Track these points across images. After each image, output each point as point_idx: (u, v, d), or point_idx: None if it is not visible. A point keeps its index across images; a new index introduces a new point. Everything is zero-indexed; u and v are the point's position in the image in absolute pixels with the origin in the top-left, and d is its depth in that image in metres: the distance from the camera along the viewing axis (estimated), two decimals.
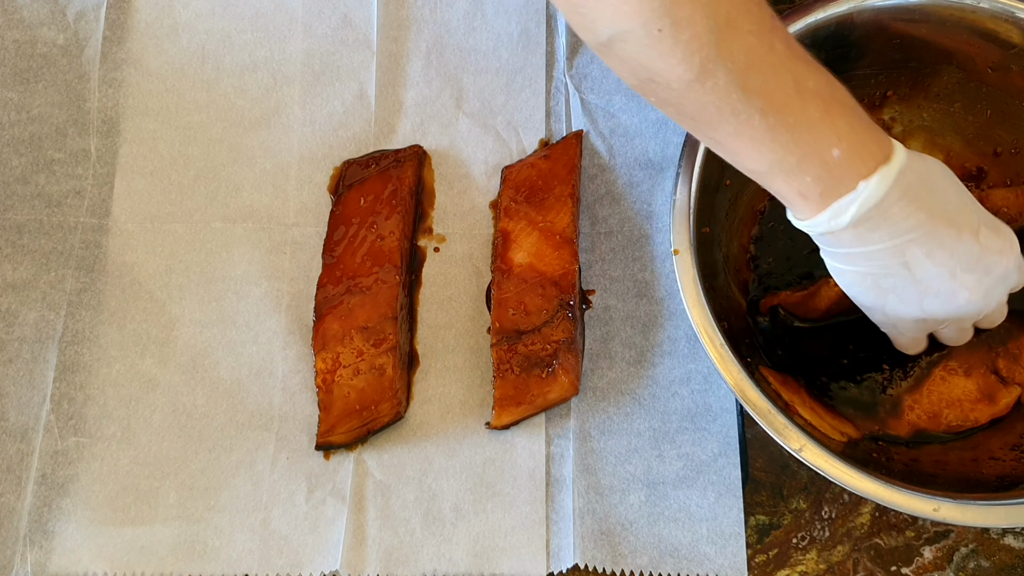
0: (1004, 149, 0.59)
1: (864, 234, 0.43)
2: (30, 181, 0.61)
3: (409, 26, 0.65)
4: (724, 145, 0.42)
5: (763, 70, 0.39)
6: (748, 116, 0.39)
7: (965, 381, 0.56)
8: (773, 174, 0.42)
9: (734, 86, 0.38)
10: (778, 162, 0.41)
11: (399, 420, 0.57)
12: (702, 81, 0.38)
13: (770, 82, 0.39)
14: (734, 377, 0.49)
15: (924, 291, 0.45)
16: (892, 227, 0.42)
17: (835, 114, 0.40)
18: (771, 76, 0.39)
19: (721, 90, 0.38)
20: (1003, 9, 0.53)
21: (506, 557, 0.55)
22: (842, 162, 0.40)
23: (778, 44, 0.39)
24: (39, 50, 0.63)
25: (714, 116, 0.40)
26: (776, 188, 0.43)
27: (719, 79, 0.38)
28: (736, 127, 0.40)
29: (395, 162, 0.61)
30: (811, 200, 0.42)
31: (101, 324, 0.59)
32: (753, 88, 0.38)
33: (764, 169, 0.42)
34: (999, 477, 0.51)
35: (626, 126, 0.63)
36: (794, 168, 0.41)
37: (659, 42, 0.37)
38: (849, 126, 0.41)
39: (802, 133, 0.40)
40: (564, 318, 0.57)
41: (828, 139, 0.40)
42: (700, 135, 0.43)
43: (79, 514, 0.55)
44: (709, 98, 0.39)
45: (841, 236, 0.43)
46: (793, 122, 0.40)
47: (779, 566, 0.55)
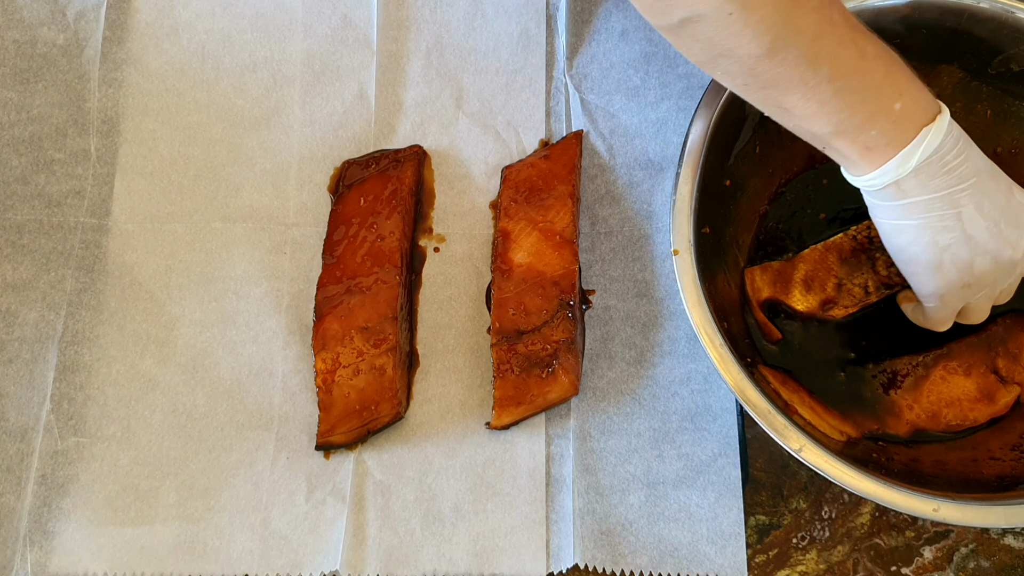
0: (1004, 149, 0.59)
1: (925, 181, 0.45)
2: (30, 181, 0.61)
3: (409, 26, 0.65)
4: (791, 111, 0.44)
5: (827, 41, 0.41)
6: (816, 83, 0.42)
7: (965, 381, 0.56)
8: (839, 133, 0.44)
9: (802, 58, 0.41)
10: (845, 121, 0.44)
11: (399, 420, 0.57)
12: (772, 56, 0.41)
13: (835, 51, 0.42)
14: (734, 377, 0.49)
15: (975, 249, 0.47)
16: (949, 174, 0.45)
17: (896, 71, 0.44)
18: (835, 45, 0.42)
19: (791, 63, 0.41)
20: (1003, 9, 0.53)
21: (506, 557, 0.55)
22: (904, 113, 0.44)
23: (836, 16, 0.42)
24: (39, 50, 0.63)
25: (784, 85, 0.43)
26: (839, 147, 0.45)
27: (789, 54, 0.41)
28: (804, 94, 0.43)
29: (395, 162, 0.61)
30: (877, 152, 0.45)
31: (101, 324, 0.59)
32: (821, 58, 0.41)
33: (830, 130, 0.44)
34: (999, 477, 0.51)
35: (626, 126, 0.63)
36: (860, 125, 0.44)
37: (731, 23, 0.40)
38: (908, 81, 0.44)
39: (867, 92, 0.43)
40: (564, 318, 0.57)
41: (891, 95, 0.43)
42: (767, 103, 0.45)
43: (79, 514, 0.55)
44: (780, 70, 0.42)
45: (905, 184, 0.45)
46: (858, 84, 0.43)
47: (779, 566, 0.55)
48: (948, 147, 0.45)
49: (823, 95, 0.43)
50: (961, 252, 0.47)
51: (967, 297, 0.51)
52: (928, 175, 0.45)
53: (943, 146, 0.44)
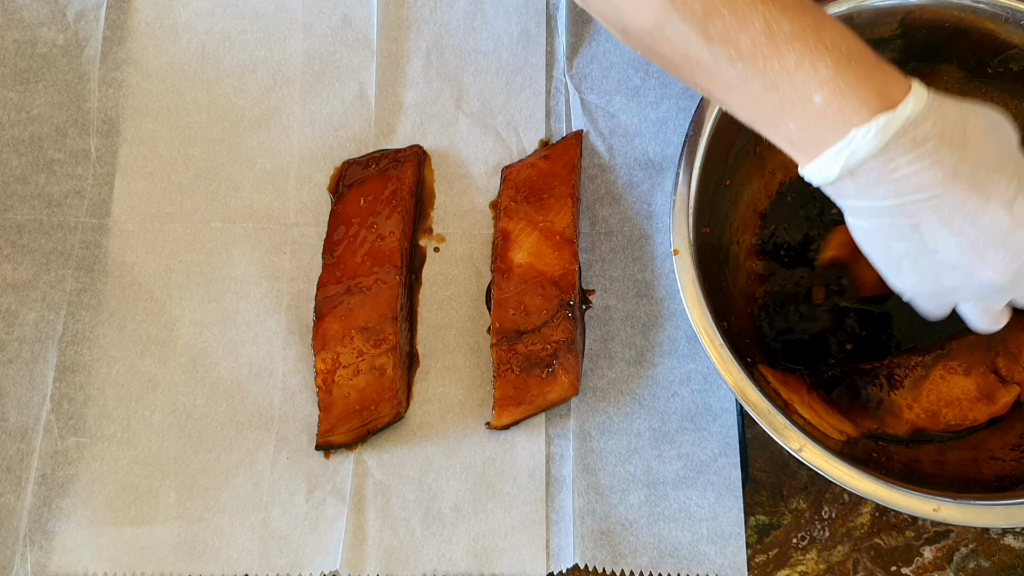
0: None
1: (866, 188, 0.39)
2: (30, 181, 0.61)
3: (409, 26, 0.65)
4: (711, 94, 0.40)
5: (723, 16, 0.36)
6: (715, 64, 0.37)
7: (964, 380, 0.56)
8: (757, 123, 0.40)
9: (693, 34, 0.37)
10: (756, 110, 0.39)
11: (399, 420, 0.57)
12: (661, 29, 0.37)
13: (733, 28, 0.36)
14: (734, 377, 0.49)
15: (939, 263, 0.40)
16: (899, 184, 0.38)
17: (817, 57, 0.37)
18: (734, 22, 0.36)
19: (683, 38, 0.37)
20: (1003, 9, 0.53)
21: (506, 557, 0.55)
22: (826, 109, 0.37)
23: None
24: (39, 50, 0.63)
25: (685, 65, 0.39)
26: (768, 136, 0.40)
27: (677, 28, 0.37)
28: (709, 76, 0.38)
29: (395, 162, 0.61)
30: (799, 148, 0.39)
31: (101, 324, 0.59)
32: (715, 35, 0.37)
33: (748, 118, 0.40)
34: (999, 477, 0.51)
35: (626, 126, 0.63)
36: (775, 117, 0.38)
37: None
38: (834, 70, 0.37)
39: (777, 80, 0.37)
40: (564, 318, 0.57)
41: (807, 85, 0.37)
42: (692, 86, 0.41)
43: (79, 514, 0.55)
44: (675, 47, 0.38)
45: (841, 187, 0.40)
46: (765, 68, 0.37)
47: (779, 566, 0.55)
48: (899, 152, 0.37)
49: (728, 79, 0.37)
50: (921, 263, 0.41)
51: (948, 303, 0.45)
52: (869, 181, 0.38)
53: (888, 152, 0.37)
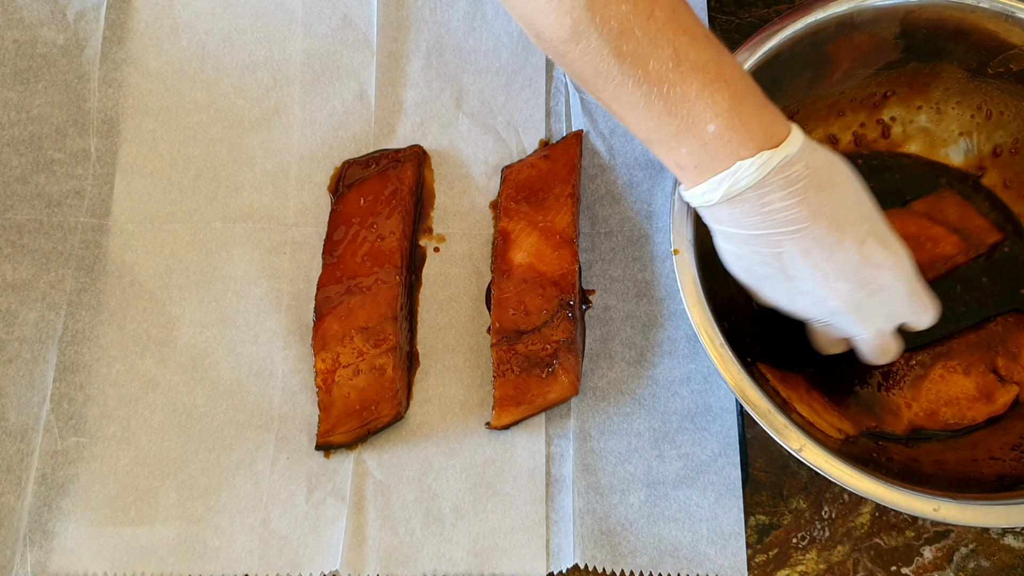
0: (1004, 149, 0.59)
1: (739, 216, 0.42)
2: (30, 181, 0.61)
3: (409, 26, 0.65)
4: (611, 109, 0.42)
5: (637, 38, 0.38)
6: (622, 82, 0.39)
7: (964, 379, 0.56)
8: (651, 142, 0.42)
9: (607, 50, 0.38)
10: (654, 130, 0.41)
11: (399, 420, 0.57)
12: (576, 41, 0.38)
13: (644, 51, 0.38)
14: (734, 377, 0.49)
15: (794, 289, 0.45)
16: (769, 216, 0.41)
17: (716, 90, 0.39)
18: (646, 45, 0.38)
19: (595, 52, 0.39)
20: (1003, 9, 0.53)
21: (506, 557, 0.55)
22: (718, 139, 0.40)
23: (659, 12, 0.38)
24: (39, 50, 0.63)
25: (593, 79, 0.40)
26: (657, 156, 0.43)
27: (592, 42, 0.38)
28: (614, 92, 0.40)
29: (395, 162, 0.61)
30: (687, 172, 0.42)
31: (101, 324, 0.59)
32: (627, 55, 0.38)
33: (643, 136, 0.42)
34: (999, 477, 0.51)
35: None
36: (669, 139, 0.41)
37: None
38: (730, 103, 0.40)
39: (677, 105, 0.39)
40: (564, 318, 0.57)
41: (704, 114, 0.39)
42: (593, 97, 0.43)
43: (79, 514, 0.55)
44: (586, 59, 0.39)
45: (716, 212, 0.43)
46: (668, 92, 0.39)
47: (779, 566, 0.55)
48: (774, 187, 0.40)
49: (632, 97, 0.40)
50: (779, 287, 0.45)
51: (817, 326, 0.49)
52: (743, 211, 0.42)
53: (765, 184, 0.40)
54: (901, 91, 0.60)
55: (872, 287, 0.44)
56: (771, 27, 0.53)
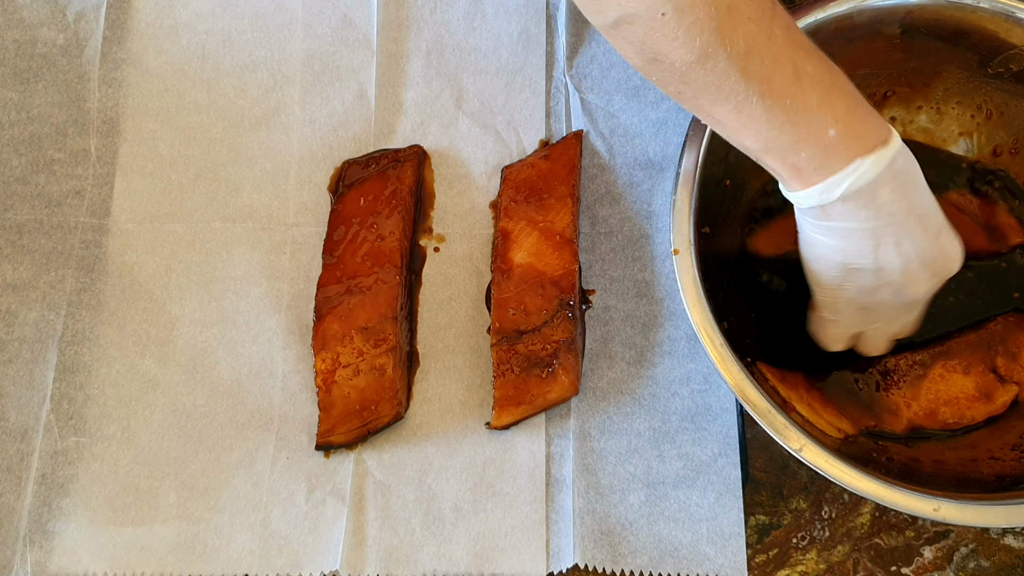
0: (1004, 149, 0.59)
1: (852, 211, 0.44)
2: (30, 181, 0.61)
3: (409, 26, 0.65)
4: (723, 123, 0.44)
5: (762, 56, 0.40)
6: (746, 97, 0.41)
7: (963, 379, 0.56)
8: (768, 151, 0.44)
9: (733, 70, 0.40)
10: (774, 140, 0.43)
11: (399, 420, 0.57)
12: (703, 63, 0.40)
13: (768, 67, 0.41)
14: (734, 377, 0.49)
15: (881, 279, 0.47)
16: (878, 209, 0.44)
17: (834, 98, 0.42)
18: (769, 62, 0.41)
19: (721, 72, 0.40)
20: (1003, 9, 0.53)
21: (506, 557, 0.55)
22: (838, 142, 0.42)
23: (778, 31, 0.41)
24: (39, 50, 0.63)
25: (714, 96, 0.42)
26: (769, 164, 0.45)
27: (719, 62, 0.40)
28: (735, 107, 0.42)
29: (395, 162, 0.61)
30: (805, 174, 0.44)
31: (101, 324, 0.59)
32: (752, 72, 0.40)
33: (759, 147, 0.44)
34: (999, 477, 0.51)
35: (626, 126, 0.63)
36: (789, 147, 0.43)
37: (663, 25, 0.39)
38: (847, 110, 0.43)
39: (799, 115, 0.42)
40: (564, 318, 0.57)
41: (825, 121, 0.42)
42: (700, 112, 0.45)
43: (79, 514, 0.55)
44: (710, 79, 0.41)
45: (830, 210, 0.45)
46: (790, 104, 0.41)
47: (779, 566, 0.55)
48: (884, 182, 0.43)
49: (753, 111, 0.42)
50: (867, 279, 0.48)
51: (862, 323, 0.51)
52: (856, 206, 0.44)
53: (877, 181, 0.43)
54: (901, 91, 0.60)
55: (940, 274, 0.49)
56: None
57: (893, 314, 0.50)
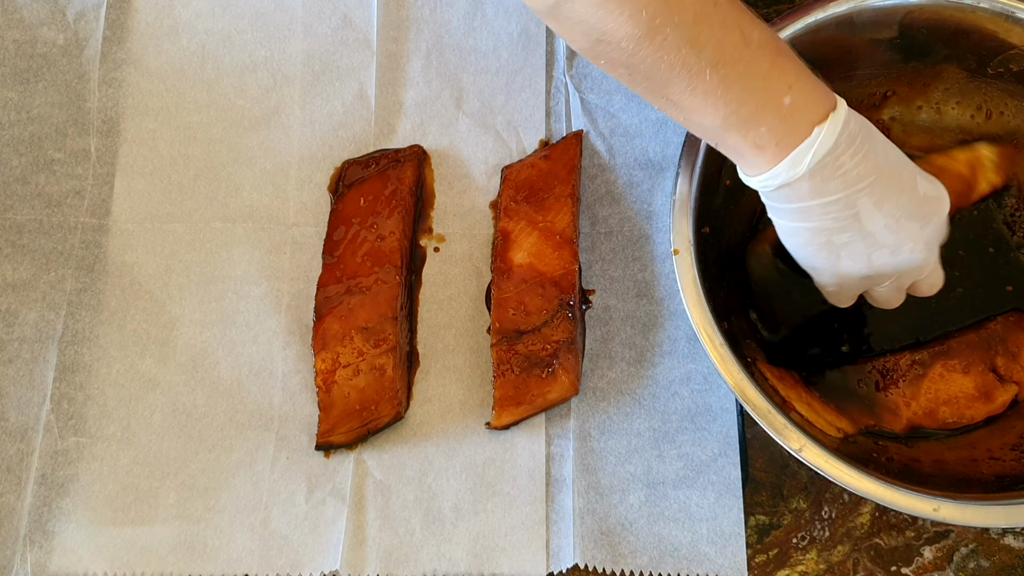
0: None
1: (820, 184, 0.43)
2: (30, 181, 0.61)
3: (409, 26, 0.65)
4: (678, 103, 0.42)
5: (710, 23, 0.39)
6: (699, 70, 0.40)
7: (963, 379, 0.56)
8: (727, 128, 0.42)
9: (683, 40, 0.39)
10: (732, 114, 0.42)
11: (399, 420, 0.57)
12: (651, 37, 0.39)
13: (718, 35, 0.40)
14: (734, 377, 0.49)
15: (873, 244, 0.46)
16: (845, 176, 0.43)
17: (783, 62, 0.41)
18: (718, 29, 0.40)
19: (671, 45, 0.39)
20: (1003, 9, 0.53)
21: (506, 557, 0.55)
22: (794, 109, 0.41)
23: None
24: (39, 50, 0.63)
25: (666, 73, 0.40)
26: (731, 144, 0.44)
27: (668, 34, 0.39)
28: (688, 82, 0.41)
29: (395, 162, 0.61)
30: (767, 151, 0.43)
31: (101, 324, 0.59)
32: (702, 41, 0.39)
33: (718, 124, 0.42)
34: (999, 477, 0.51)
35: (626, 126, 0.63)
36: (748, 119, 0.42)
37: (605, 2, 0.38)
38: (797, 74, 0.42)
39: (754, 81, 0.41)
40: (564, 318, 0.57)
41: (779, 87, 0.41)
42: (653, 95, 0.43)
43: (79, 514, 0.55)
44: (659, 54, 0.40)
45: (798, 187, 0.44)
46: (743, 71, 0.40)
47: (779, 566, 0.55)
48: (843, 147, 0.42)
49: (708, 84, 0.40)
50: (858, 248, 0.46)
51: (868, 285, 0.50)
52: (823, 178, 0.43)
53: (837, 146, 0.42)
54: (901, 91, 0.60)
55: (932, 219, 0.47)
56: (771, 27, 0.53)
57: (898, 270, 0.48)
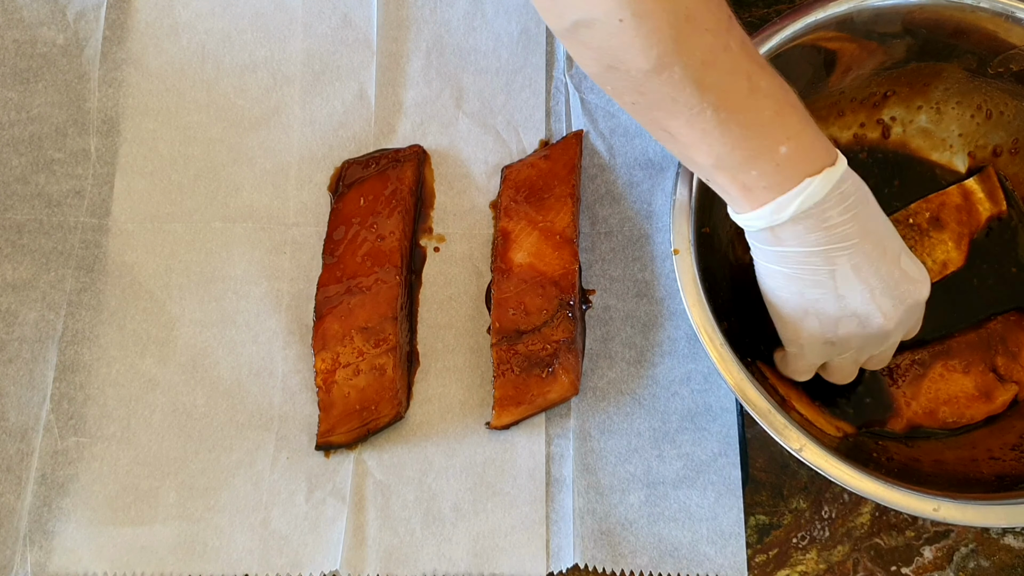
0: (1004, 149, 0.60)
1: (803, 233, 0.44)
2: (30, 181, 0.61)
3: (409, 26, 0.65)
4: (676, 138, 0.43)
5: (719, 68, 0.40)
6: (701, 110, 0.41)
7: (963, 378, 0.56)
8: (719, 168, 0.43)
9: (689, 80, 0.40)
10: (726, 156, 0.42)
11: (399, 420, 0.57)
12: (659, 72, 0.39)
13: (725, 80, 0.40)
14: (734, 377, 0.49)
15: (843, 309, 0.46)
16: (828, 232, 0.44)
17: (787, 114, 0.42)
18: (726, 74, 0.40)
19: (677, 83, 0.40)
20: (1003, 9, 0.53)
21: (506, 557, 0.55)
22: (789, 159, 0.42)
23: (734, 44, 0.40)
24: (39, 50, 0.63)
25: (669, 107, 0.41)
26: (719, 183, 0.44)
27: (675, 73, 0.39)
28: (689, 120, 0.41)
29: (395, 162, 0.61)
30: (754, 194, 0.43)
31: (101, 324, 0.59)
32: (708, 84, 0.40)
33: (711, 163, 0.43)
34: (999, 477, 0.51)
35: (626, 126, 0.63)
36: (741, 164, 0.42)
37: (621, 32, 0.38)
38: (799, 127, 0.42)
39: (752, 130, 0.41)
40: (564, 318, 0.57)
41: (777, 137, 0.42)
42: (654, 127, 0.44)
43: (79, 514, 0.55)
44: (665, 89, 0.40)
45: (781, 232, 0.44)
46: (744, 119, 0.41)
47: (779, 566, 0.55)
48: (833, 203, 0.43)
49: (707, 124, 0.41)
50: (828, 308, 0.46)
51: (829, 354, 0.50)
52: (806, 228, 0.43)
53: (826, 200, 0.43)
54: (901, 91, 0.60)
55: (907, 300, 0.47)
56: (771, 27, 0.53)
57: (861, 345, 0.49)
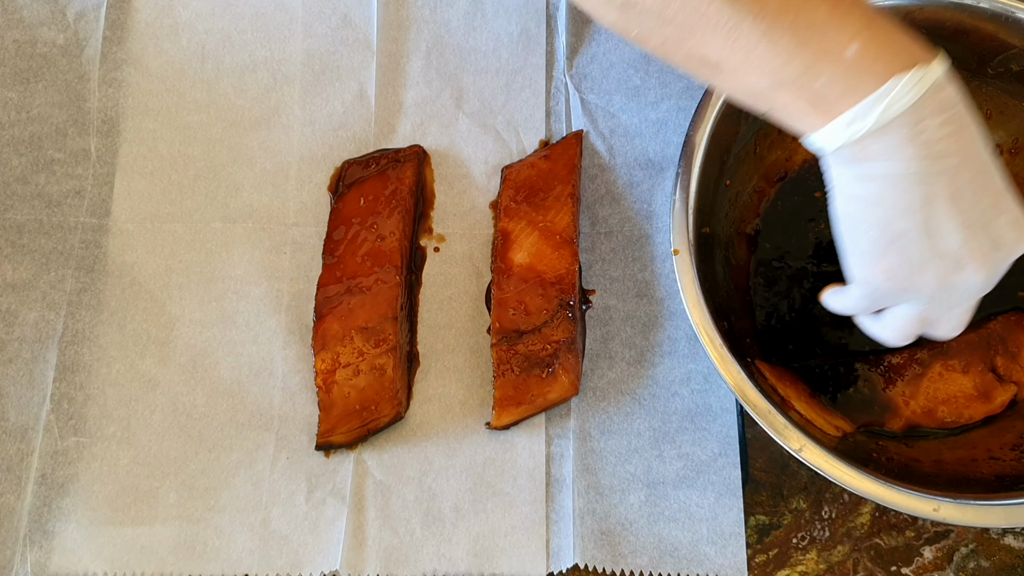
0: (1004, 149, 0.59)
1: (894, 147, 0.36)
2: (30, 181, 0.61)
3: (409, 26, 0.65)
4: (720, 66, 0.37)
5: None
6: (737, 23, 0.35)
7: (962, 378, 0.56)
8: (778, 86, 0.37)
9: None
10: (780, 70, 0.36)
11: (399, 420, 0.57)
12: None
13: None
14: (734, 377, 0.49)
15: (932, 250, 0.38)
16: (926, 147, 0.36)
17: (847, 10, 0.36)
18: None
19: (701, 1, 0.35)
20: (1003, 9, 0.53)
21: (506, 557, 0.55)
22: (863, 58, 0.35)
23: None
24: (39, 50, 0.63)
25: (702, 30, 0.36)
26: (783, 104, 0.38)
27: None
28: (727, 37, 0.36)
29: (395, 162, 0.61)
30: (828, 104, 0.36)
31: (101, 324, 0.59)
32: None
33: (766, 83, 0.37)
34: (998, 477, 0.51)
35: (626, 126, 0.63)
36: (802, 74, 0.36)
37: None
38: (864, 22, 0.36)
39: (806, 33, 0.35)
40: (564, 318, 0.57)
41: (840, 37, 0.35)
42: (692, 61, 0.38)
43: (79, 514, 0.55)
44: (687, 12, 0.36)
45: (867, 145, 0.37)
46: (790, 23, 0.35)
47: (779, 566, 0.55)
48: (930, 111, 0.35)
49: (749, 39, 0.35)
50: (914, 249, 0.38)
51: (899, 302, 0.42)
52: (898, 140, 0.36)
53: (922, 106, 0.35)
54: None
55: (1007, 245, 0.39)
56: None
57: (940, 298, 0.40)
